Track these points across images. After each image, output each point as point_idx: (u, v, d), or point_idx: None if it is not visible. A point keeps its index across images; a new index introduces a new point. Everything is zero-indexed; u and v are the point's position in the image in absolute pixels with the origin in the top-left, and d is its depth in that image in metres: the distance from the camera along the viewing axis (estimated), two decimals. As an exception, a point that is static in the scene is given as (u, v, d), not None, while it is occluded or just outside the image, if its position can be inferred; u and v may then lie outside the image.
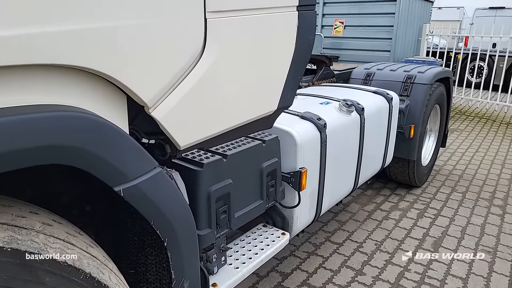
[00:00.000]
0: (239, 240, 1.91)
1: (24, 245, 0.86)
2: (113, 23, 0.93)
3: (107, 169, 0.92)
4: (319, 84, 3.59)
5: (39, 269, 0.87)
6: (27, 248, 0.86)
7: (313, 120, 2.18)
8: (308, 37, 1.69)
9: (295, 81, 1.72)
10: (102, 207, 1.51)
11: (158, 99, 1.08)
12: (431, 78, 3.54)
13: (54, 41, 0.82)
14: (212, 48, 1.22)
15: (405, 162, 3.62)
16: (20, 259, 0.84)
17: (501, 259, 2.81)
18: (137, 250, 1.36)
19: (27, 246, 0.86)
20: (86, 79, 0.94)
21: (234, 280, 1.61)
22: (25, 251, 0.85)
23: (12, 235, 0.86)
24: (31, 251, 0.86)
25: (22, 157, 0.78)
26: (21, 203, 1.01)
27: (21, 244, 0.86)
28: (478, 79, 8.33)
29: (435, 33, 7.69)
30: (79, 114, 0.87)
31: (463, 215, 3.48)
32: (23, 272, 0.85)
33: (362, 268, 2.68)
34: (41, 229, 0.95)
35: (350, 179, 2.66)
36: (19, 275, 0.84)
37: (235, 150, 1.60)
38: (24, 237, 0.88)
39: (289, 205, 2.04)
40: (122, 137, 0.95)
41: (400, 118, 3.36)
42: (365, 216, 3.44)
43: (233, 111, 1.41)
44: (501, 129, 6.43)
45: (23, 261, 0.84)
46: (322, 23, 5.71)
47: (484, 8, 13.94)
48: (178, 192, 1.19)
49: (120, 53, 0.95)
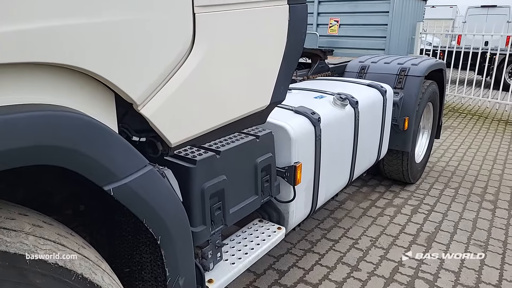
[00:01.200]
0: (235, 235, 1.91)
1: (13, 247, 0.85)
2: (99, 19, 0.91)
3: (95, 168, 0.91)
4: (314, 78, 3.57)
5: (29, 271, 0.86)
6: (16, 251, 0.85)
7: (307, 114, 2.17)
8: (299, 31, 1.68)
9: (288, 76, 1.71)
10: (95, 207, 1.51)
11: (147, 96, 1.07)
12: (424, 70, 3.53)
13: (39, 39, 0.81)
14: (201, 43, 1.20)
15: (399, 155, 3.63)
16: (9, 261, 0.83)
17: (492, 253, 2.85)
18: (131, 248, 1.36)
19: (16, 248, 0.85)
20: (72, 77, 0.93)
21: (230, 276, 1.61)
22: (14, 253, 0.84)
23: (1, 238, 0.85)
24: (20, 253, 0.85)
25: (7, 158, 0.76)
26: (10, 205, 1.00)
27: (10, 246, 0.85)
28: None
29: (428, 32, 7.70)
30: (65, 113, 0.85)
31: (455, 210, 3.52)
32: (13, 274, 0.84)
33: (358, 264, 2.70)
34: (31, 230, 0.94)
35: (345, 172, 2.66)
36: (9, 278, 0.83)
37: (228, 146, 1.59)
38: (13, 239, 0.87)
39: (285, 199, 2.03)
40: (110, 136, 0.94)
41: (395, 110, 3.36)
42: (360, 213, 3.46)
43: (224, 107, 1.40)
44: (493, 126, 6.50)
45: (12, 264, 0.83)
46: (317, 22, 5.74)
47: (476, 7, 14.09)
48: (170, 190, 1.18)
49: (107, 50, 0.94)
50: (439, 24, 7.94)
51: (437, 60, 4.21)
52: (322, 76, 3.68)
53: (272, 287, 2.45)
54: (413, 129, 3.53)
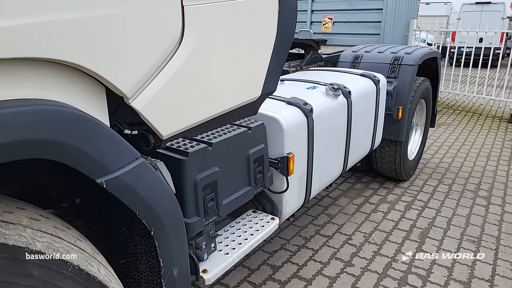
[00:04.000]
0: (229, 226, 1.94)
1: (11, 239, 0.87)
2: (87, 13, 0.92)
3: (87, 161, 0.93)
4: (307, 68, 3.58)
5: (27, 262, 0.89)
6: (14, 243, 0.87)
7: (299, 105, 2.19)
8: (289, 22, 1.69)
9: (278, 67, 1.73)
10: (90, 200, 1.53)
11: (137, 89, 1.08)
12: (418, 58, 3.54)
13: (27, 34, 0.82)
14: (190, 36, 1.21)
15: (393, 147, 3.65)
16: (8, 253, 0.85)
17: (485, 248, 2.89)
18: (126, 240, 1.38)
19: (14, 240, 0.88)
20: (63, 71, 0.94)
21: (224, 266, 1.64)
22: (12, 245, 0.86)
23: (0, 230, 0.87)
24: (18, 245, 0.87)
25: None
26: (8, 199, 1.02)
27: (8, 238, 0.87)
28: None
29: (423, 29, 7.71)
30: (56, 107, 0.87)
31: (449, 206, 3.56)
32: (11, 265, 0.86)
33: (351, 260, 2.74)
34: (29, 223, 0.96)
35: (338, 162, 2.69)
36: (7, 269, 0.86)
37: (220, 138, 1.61)
38: (12, 232, 0.89)
39: (278, 190, 2.06)
40: (101, 129, 0.96)
41: (388, 99, 3.37)
42: (354, 209, 3.50)
43: (215, 98, 1.41)
44: (487, 123, 6.55)
45: (11, 255, 0.86)
46: (311, 20, 5.77)
47: (470, 3, 14.12)
48: (163, 182, 1.21)
49: (95, 44, 0.95)
50: (433, 21, 7.94)
51: (431, 48, 4.22)
52: (316, 67, 3.69)
53: (266, 282, 2.49)
54: (407, 118, 3.56)
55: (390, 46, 4.01)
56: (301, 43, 3.78)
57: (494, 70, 8.54)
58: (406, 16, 6.06)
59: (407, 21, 6.21)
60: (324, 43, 3.98)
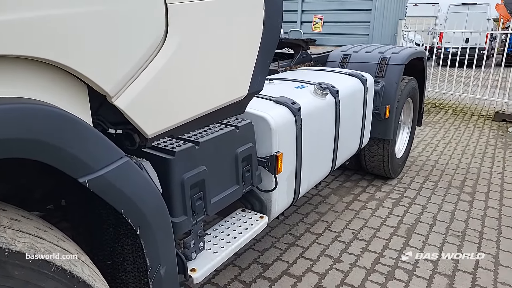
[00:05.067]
0: (217, 225, 1.94)
1: (-10, 240, 0.86)
2: (67, 10, 0.91)
3: (69, 161, 0.92)
4: (297, 68, 3.60)
5: (7, 263, 0.87)
6: (-7, 243, 0.86)
7: (287, 104, 2.20)
8: (275, 20, 1.69)
9: (265, 65, 1.73)
10: (76, 201, 1.51)
11: (120, 87, 1.07)
12: (405, 58, 3.58)
13: (6, 31, 0.81)
14: (174, 34, 1.21)
15: (381, 145, 3.69)
16: (-14, 254, 0.84)
17: (469, 242, 2.95)
18: (113, 241, 1.37)
19: (-7, 241, 0.86)
20: (43, 70, 0.93)
21: (212, 265, 1.64)
22: (-9, 246, 0.85)
23: (-23, 231, 0.85)
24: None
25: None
26: (-13, 200, 1.01)
27: (-14, 239, 0.86)
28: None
29: (411, 29, 7.81)
30: (36, 106, 0.86)
31: (435, 202, 3.62)
32: (-10, 266, 0.85)
33: (340, 256, 2.77)
34: (9, 224, 0.95)
35: (327, 160, 2.70)
36: (-14, 270, 0.84)
37: (207, 137, 1.61)
38: (-9, 233, 0.88)
39: (266, 189, 2.06)
40: (83, 128, 0.94)
41: (376, 99, 3.41)
42: (343, 207, 3.53)
43: (201, 97, 1.41)
44: (472, 121, 6.67)
45: (-11, 256, 0.84)
46: (301, 20, 5.82)
47: (457, 4, 14.36)
48: (148, 181, 1.20)
49: (76, 42, 0.94)
50: (421, 22, 8.04)
51: (417, 48, 4.28)
52: (305, 66, 3.70)
53: (256, 280, 2.50)
54: (395, 117, 3.59)
55: (377, 46, 4.05)
56: (291, 43, 3.79)
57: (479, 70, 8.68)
58: (394, 16, 6.14)
59: (395, 21, 6.30)
60: (313, 43, 4.00)
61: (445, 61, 7.79)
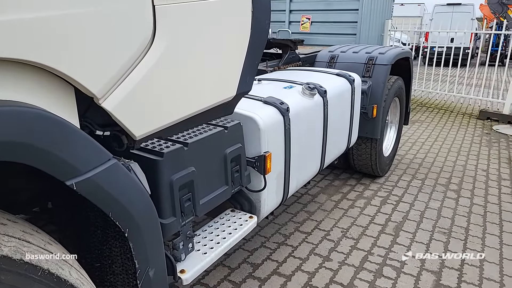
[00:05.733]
0: (207, 226, 1.94)
1: (-25, 245, 0.85)
2: (53, 12, 0.90)
3: (56, 163, 0.91)
4: (285, 68, 3.61)
5: (-7, 268, 0.86)
6: (-22, 248, 0.84)
7: (275, 104, 2.21)
8: (263, 22, 1.70)
9: (253, 66, 1.74)
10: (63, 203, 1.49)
11: (107, 89, 1.07)
12: (391, 58, 3.63)
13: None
14: (162, 36, 1.21)
15: (369, 144, 3.73)
16: (-29, 259, 0.83)
17: (455, 239, 3.00)
18: (101, 243, 1.36)
19: (-22, 246, 0.85)
20: (29, 72, 0.92)
21: (202, 266, 1.64)
22: (-25, 251, 0.84)
23: (-39, 236, 0.84)
24: (-17, 251, 0.84)
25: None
26: (-29, 204, 0.99)
27: (-29, 244, 0.84)
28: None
29: (397, 29, 7.93)
30: (21, 108, 0.85)
31: (422, 200, 3.68)
32: (-24, 272, 0.84)
33: (329, 255, 2.79)
34: (-6, 228, 0.94)
35: (316, 160, 2.72)
36: (-29, 275, 0.83)
37: (196, 138, 1.61)
38: (-25, 237, 0.87)
39: (256, 189, 2.07)
40: (70, 130, 0.94)
41: (363, 98, 3.44)
42: (332, 205, 3.56)
43: (189, 98, 1.41)
44: (457, 119, 6.79)
45: (-26, 261, 0.83)
46: (289, 19, 5.87)
47: (442, 5, 14.61)
48: (136, 183, 1.19)
49: (63, 44, 0.93)
50: (407, 22, 8.15)
51: (403, 48, 4.34)
52: (293, 67, 3.72)
53: (246, 280, 2.50)
54: (382, 116, 3.64)
55: (364, 46, 4.09)
56: (279, 43, 3.81)
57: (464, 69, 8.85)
58: (381, 16, 6.23)
59: (382, 21, 6.39)
60: (301, 43, 4.02)
61: (431, 60, 7.92)
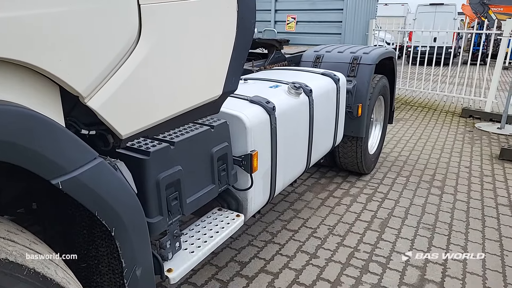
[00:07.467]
0: (194, 225, 1.94)
1: (-42, 245, 0.84)
2: (37, 10, 0.90)
3: (41, 162, 0.90)
4: (271, 68, 3.64)
5: (-23, 268, 0.85)
6: (-38, 248, 0.84)
7: (262, 103, 2.23)
8: (249, 21, 1.71)
9: (239, 66, 1.75)
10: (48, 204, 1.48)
11: (93, 88, 1.07)
12: (375, 58, 3.69)
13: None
14: (148, 34, 1.21)
15: (354, 143, 3.79)
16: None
17: (439, 235, 3.08)
18: (87, 243, 1.35)
19: (-38, 246, 0.84)
20: (13, 70, 0.91)
21: (189, 264, 1.64)
22: (-41, 251, 0.83)
23: None
24: (-34, 251, 0.84)
25: None
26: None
27: (-46, 244, 0.84)
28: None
29: (381, 29, 8.06)
30: (5, 107, 0.84)
31: (406, 197, 3.75)
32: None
33: (316, 252, 2.82)
34: (-22, 228, 0.93)
35: (302, 158, 2.75)
36: (-45, 276, 0.82)
37: (182, 137, 1.61)
38: (-41, 238, 0.86)
39: (242, 187, 2.09)
40: (54, 129, 0.93)
41: (348, 98, 3.49)
42: (319, 203, 3.60)
43: (175, 97, 1.41)
44: (441, 117, 6.94)
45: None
46: (275, 19, 5.92)
47: (425, 5, 14.90)
48: (122, 182, 1.19)
49: (47, 42, 0.93)
50: (391, 21, 8.28)
51: (387, 48, 4.41)
52: (279, 66, 3.75)
53: (234, 278, 2.51)
54: (367, 115, 3.70)
55: (349, 46, 4.15)
56: (265, 43, 3.83)
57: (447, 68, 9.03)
58: (365, 16, 6.33)
59: (366, 21, 6.49)
60: (287, 43, 4.05)
61: (415, 59, 8.06)
